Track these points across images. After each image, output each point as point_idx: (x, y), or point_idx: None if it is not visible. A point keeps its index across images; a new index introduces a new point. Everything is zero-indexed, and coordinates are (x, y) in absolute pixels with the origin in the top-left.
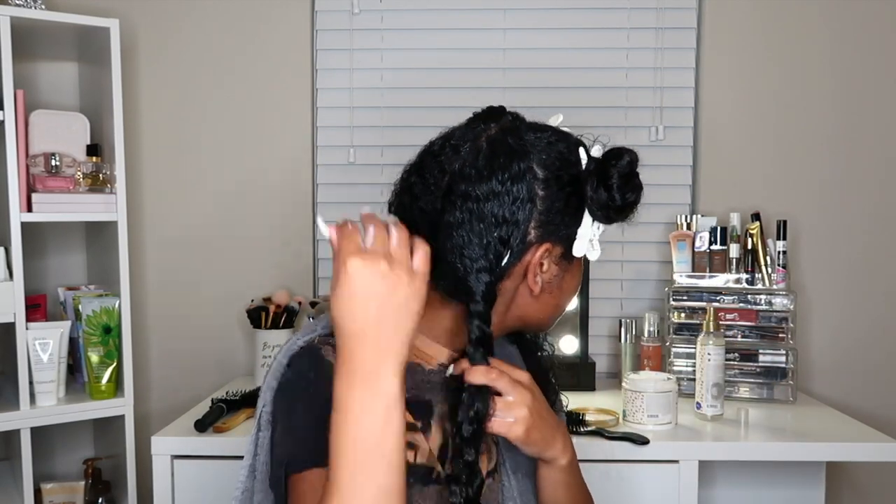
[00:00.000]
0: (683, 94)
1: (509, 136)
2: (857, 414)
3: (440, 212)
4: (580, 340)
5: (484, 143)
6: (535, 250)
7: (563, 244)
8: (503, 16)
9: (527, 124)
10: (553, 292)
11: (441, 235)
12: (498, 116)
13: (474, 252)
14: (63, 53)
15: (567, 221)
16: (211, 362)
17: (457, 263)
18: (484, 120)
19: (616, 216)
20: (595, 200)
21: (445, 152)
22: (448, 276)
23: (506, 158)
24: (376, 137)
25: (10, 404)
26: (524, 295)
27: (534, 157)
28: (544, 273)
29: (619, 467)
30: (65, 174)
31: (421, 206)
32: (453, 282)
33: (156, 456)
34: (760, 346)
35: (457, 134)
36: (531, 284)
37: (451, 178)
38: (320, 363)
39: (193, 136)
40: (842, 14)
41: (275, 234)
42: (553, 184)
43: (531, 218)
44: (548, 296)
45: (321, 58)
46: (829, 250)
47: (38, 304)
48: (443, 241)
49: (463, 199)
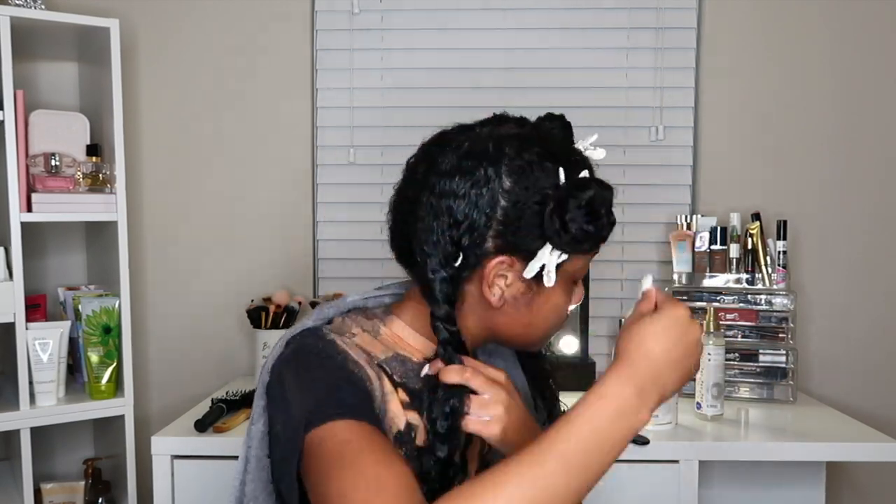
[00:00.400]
0: (683, 94)
1: (492, 141)
2: (857, 414)
3: (414, 201)
4: (580, 340)
5: (465, 142)
6: (489, 262)
7: (525, 262)
8: (503, 16)
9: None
10: (520, 310)
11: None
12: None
13: (430, 248)
14: (63, 53)
15: (531, 238)
16: (211, 362)
17: (416, 256)
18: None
19: (571, 246)
20: (549, 226)
21: (437, 145)
22: (419, 269)
23: (476, 160)
24: (376, 137)
25: (10, 404)
26: (486, 306)
27: (505, 164)
28: (508, 287)
29: (619, 467)
30: (65, 174)
31: (407, 195)
32: (421, 276)
33: (156, 456)
34: (760, 346)
35: (466, 129)
36: (487, 294)
37: (428, 170)
38: (323, 338)
39: (193, 136)
40: (842, 14)
41: (275, 235)
42: (520, 196)
43: (489, 226)
44: (514, 312)
45: (321, 58)
46: (829, 250)
47: (37, 304)
48: (413, 232)
49: (430, 193)
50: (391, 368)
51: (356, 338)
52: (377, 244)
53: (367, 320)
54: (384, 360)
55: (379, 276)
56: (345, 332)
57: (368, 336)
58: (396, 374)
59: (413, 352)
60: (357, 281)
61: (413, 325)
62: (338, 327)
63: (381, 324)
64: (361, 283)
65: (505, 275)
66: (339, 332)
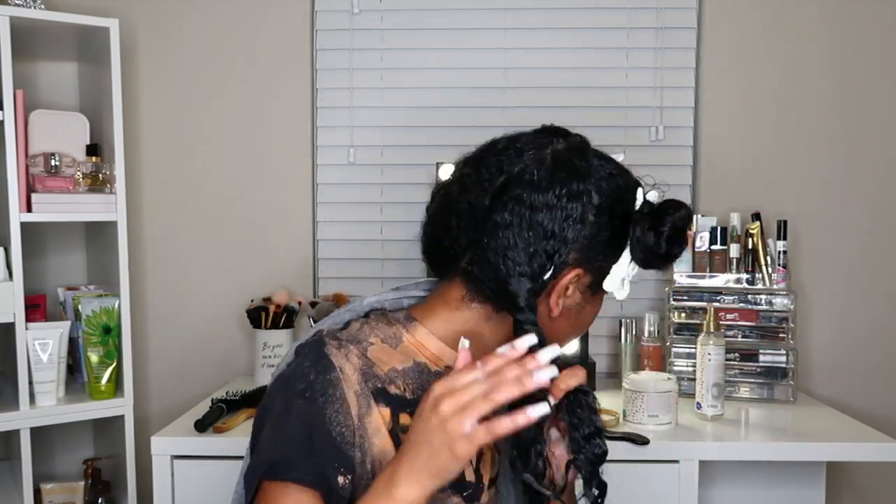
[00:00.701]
0: (683, 94)
1: (575, 156)
2: (857, 414)
3: (488, 209)
4: (580, 340)
5: (549, 155)
6: (568, 273)
7: (595, 275)
8: (503, 16)
9: (593, 150)
10: (570, 319)
11: (485, 233)
12: (566, 134)
13: (519, 256)
14: (63, 53)
15: (607, 253)
16: (211, 362)
17: (499, 264)
18: (553, 133)
19: (655, 262)
20: (641, 241)
21: (508, 153)
22: (486, 277)
23: (567, 175)
24: (376, 137)
25: (10, 404)
26: (543, 315)
27: (593, 183)
28: (567, 297)
29: (619, 467)
30: (64, 174)
31: (469, 200)
32: (492, 283)
33: (155, 456)
34: (761, 346)
35: (523, 139)
36: (552, 305)
37: (508, 179)
38: (321, 361)
39: (193, 136)
40: (842, 14)
41: (275, 235)
42: (605, 212)
43: (577, 240)
44: (563, 321)
45: (321, 58)
46: (829, 250)
47: (37, 305)
48: (486, 239)
49: (516, 203)
50: (404, 382)
51: (372, 348)
52: (377, 244)
53: (389, 326)
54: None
55: (379, 276)
56: (362, 339)
57: (387, 346)
58: (409, 388)
59: (436, 360)
60: (357, 281)
61: (437, 332)
62: (354, 334)
63: (403, 330)
64: (361, 283)
65: (572, 287)
66: (356, 339)
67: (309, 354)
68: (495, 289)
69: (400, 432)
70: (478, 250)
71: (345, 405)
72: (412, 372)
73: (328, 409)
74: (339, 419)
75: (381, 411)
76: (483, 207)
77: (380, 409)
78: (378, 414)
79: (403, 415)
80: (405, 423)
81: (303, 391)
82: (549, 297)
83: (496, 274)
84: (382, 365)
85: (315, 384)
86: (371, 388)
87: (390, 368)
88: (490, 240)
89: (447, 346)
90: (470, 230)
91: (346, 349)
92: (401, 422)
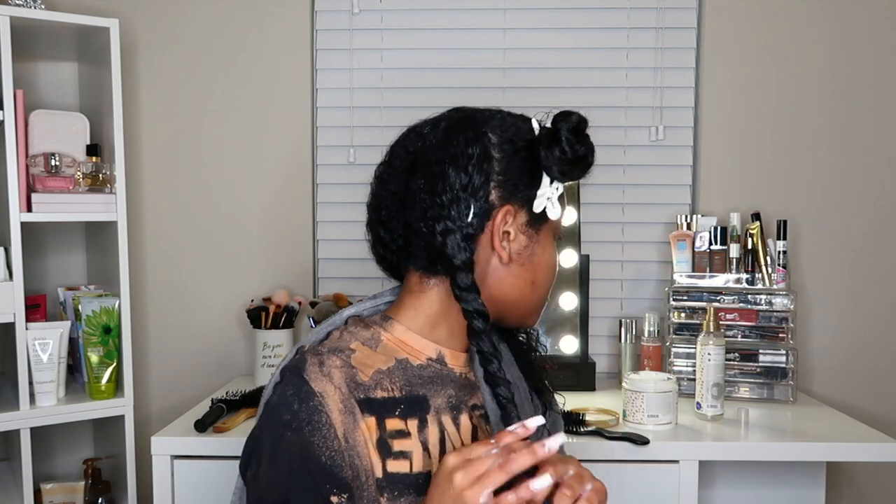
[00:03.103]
0: (683, 94)
1: (468, 114)
2: (857, 414)
3: (406, 187)
4: (580, 340)
5: (443, 121)
6: (497, 213)
7: (526, 208)
8: (503, 16)
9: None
10: (525, 265)
11: (408, 207)
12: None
13: (440, 212)
14: (63, 53)
15: (526, 183)
16: (211, 362)
17: (425, 228)
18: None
19: (570, 171)
20: (549, 157)
21: (410, 137)
22: (421, 249)
23: (463, 127)
24: (376, 137)
25: (10, 404)
26: (496, 266)
27: (489, 126)
28: (512, 242)
29: (619, 467)
30: (64, 174)
31: (391, 189)
32: (427, 252)
33: (156, 456)
34: (760, 346)
35: (421, 124)
36: (499, 250)
37: (414, 155)
38: (302, 388)
39: (193, 136)
40: (842, 14)
41: (275, 234)
42: (507, 146)
43: (489, 179)
44: (519, 268)
45: (321, 58)
46: (829, 250)
47: (37, 304)
48: (409, 213)
49: (424, 167)
50: (391, 382)
51: (355, 355)
52: None
53: (367, 329)
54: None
55: (379, 277)
56: (343, 348)
57: (368, 350)
58: (397, 386)
59: (416, 354)
60: (357, 281)
61: (412, 325)
62: (335, 344)
63: (381, 330)
64: (361, 283)
65: (509, 231)
66: (337, 349)
67: (291, 380)
68: (430, 256)
69: (388, 438)
70: (409, 226)
71: (331, 430)
72: (397, 370)
73: (315, 438)
74: (327, 444)
75: (367, 422)
76: (402, 188)
77: (365, 421)
78: (364, 426)
79: (391, 419)
80: (393, 428)
81: (289, 422)
82: (492, 244)
83: (427, 240)
84: (367, 370)
85: (300, 414)
86: (356, 399)
87: (375, 371)
88: (413, 210)
89: (423, 338)
90: (400, 214)
91: (328, 365)
92: (388, 428)
